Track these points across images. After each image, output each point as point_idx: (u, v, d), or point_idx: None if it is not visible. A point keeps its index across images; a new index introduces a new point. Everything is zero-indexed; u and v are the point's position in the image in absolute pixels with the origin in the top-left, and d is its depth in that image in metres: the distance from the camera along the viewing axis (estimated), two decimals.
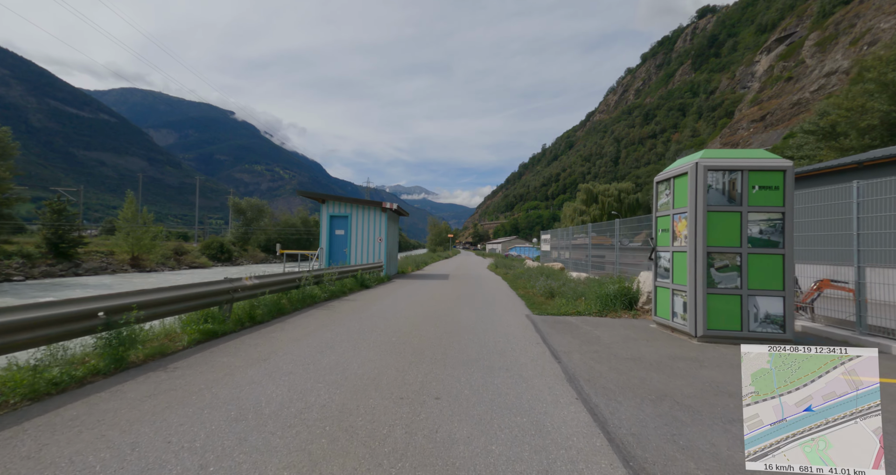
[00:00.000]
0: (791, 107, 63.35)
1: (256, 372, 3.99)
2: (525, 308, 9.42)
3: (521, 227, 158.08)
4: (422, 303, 9.91)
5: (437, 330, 6.44)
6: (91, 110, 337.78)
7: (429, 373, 4.06)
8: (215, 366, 4.17)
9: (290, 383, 3.69)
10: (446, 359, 4.55)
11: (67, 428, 2.77)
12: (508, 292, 12.54)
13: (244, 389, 3.52)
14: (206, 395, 3.37)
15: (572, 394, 3.53)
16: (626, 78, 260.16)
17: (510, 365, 4.39)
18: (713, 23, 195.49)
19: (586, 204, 56.28)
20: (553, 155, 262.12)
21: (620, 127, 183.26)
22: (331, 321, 7.15)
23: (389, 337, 5.81)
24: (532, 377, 3.99)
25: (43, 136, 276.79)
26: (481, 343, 5.46)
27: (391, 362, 4.41)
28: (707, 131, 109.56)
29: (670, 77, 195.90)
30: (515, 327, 6.73)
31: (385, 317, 7.72)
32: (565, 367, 4.26)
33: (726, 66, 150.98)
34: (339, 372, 4.02)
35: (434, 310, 8.69)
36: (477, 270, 23.06)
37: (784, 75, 78.08)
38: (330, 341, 5.42)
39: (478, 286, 14.11)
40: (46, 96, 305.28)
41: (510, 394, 3.51)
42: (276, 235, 46.86)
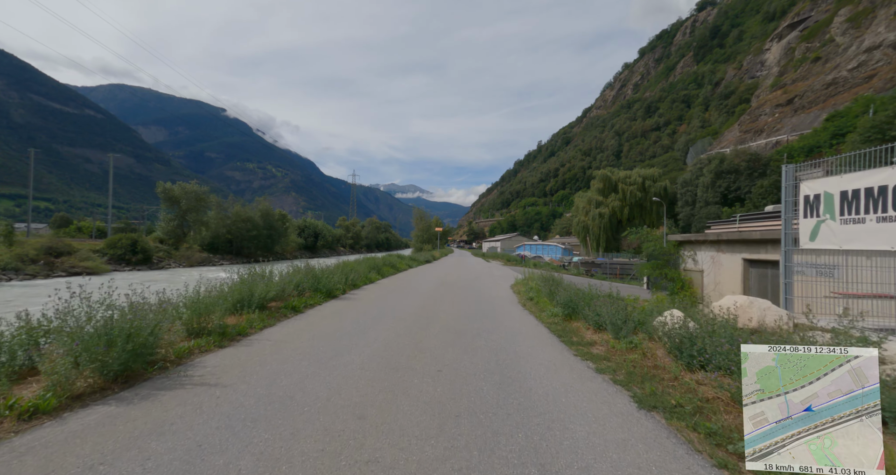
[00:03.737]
0: (825, 87, 56.41)
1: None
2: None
3: (518, 225, 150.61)
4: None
5: None
6: (76, 106, 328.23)
7: None
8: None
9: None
10: None
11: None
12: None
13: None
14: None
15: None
16: (624, 73, 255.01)
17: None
18: (714, 15, 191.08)
19: (603, 193, 48.39)
20: (549, 151, 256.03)
21: (621, 120, 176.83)
22: None
23: None
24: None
25: (25, 132, 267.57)
26: None
27: None
28: (720, 120, 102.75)
29: (671, 70, 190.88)
30: None
31: None
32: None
33: (731, 56, 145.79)
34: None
35: None
36: (485, 292, 14.06)
37: (810, 56, 71.41)
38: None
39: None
40: (29, 91, 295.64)
41: None
42: (224, 231, 39.09)
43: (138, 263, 27.27)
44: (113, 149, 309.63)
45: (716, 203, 39.54)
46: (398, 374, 4.81)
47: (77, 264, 22.00)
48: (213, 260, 36.70)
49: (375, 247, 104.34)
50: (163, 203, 36.89)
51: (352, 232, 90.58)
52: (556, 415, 3.74)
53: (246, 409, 3.70)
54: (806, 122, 55.05)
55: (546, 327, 8.18)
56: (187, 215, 36.84)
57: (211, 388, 4.15)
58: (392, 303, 10.87)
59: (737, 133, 72.48)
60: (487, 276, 20.76)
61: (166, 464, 2.78)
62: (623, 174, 48.97)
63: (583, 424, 3.52)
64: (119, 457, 2.84)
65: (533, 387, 4.51)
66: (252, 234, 41.89)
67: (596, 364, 5.43)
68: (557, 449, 3.04)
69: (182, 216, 36.65)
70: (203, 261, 35.19)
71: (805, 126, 53.94)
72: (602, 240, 46.58)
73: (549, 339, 7.09)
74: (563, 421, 3.59)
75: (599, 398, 4.16)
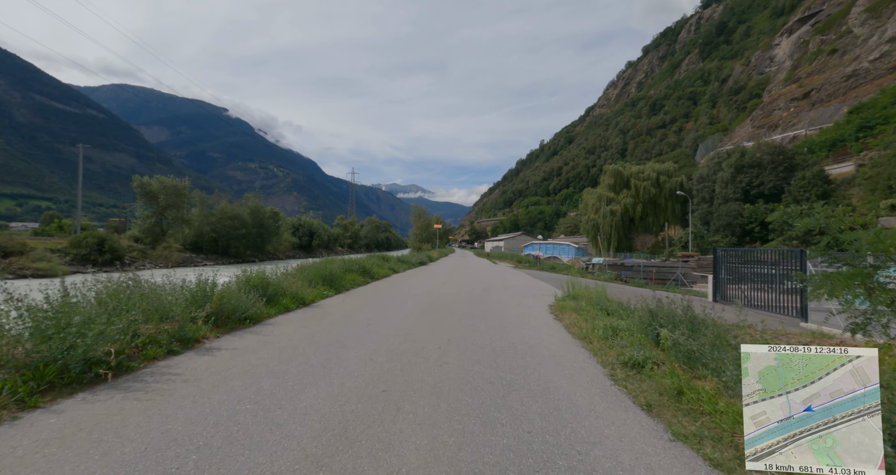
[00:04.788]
0: (845, 79, 53.76)
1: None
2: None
3: (521, 224, 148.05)
4: None
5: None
6: (78, 105, 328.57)
7: None
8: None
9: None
10: None
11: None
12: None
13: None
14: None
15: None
16: (628, 71, 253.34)
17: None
18: (720, 11, 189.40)
19: (614, 190, 45.17)
20: (552, 150, 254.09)
21: (626, 118, 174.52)
22: None
23: None
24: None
25: (27, 132, 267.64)
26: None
27: None
28: (729, 116, 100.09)
29: (676, 67, 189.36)
30: None
31: None
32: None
33: (739, 52, 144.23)
34: None
35: None
36: (511, 330, 7.28)
37: (825, 49, 68.72)
38: None
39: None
40: (31, 91, 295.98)
41: None
42: (209, 229, 36.66)
43: (105, 264, 24.60)
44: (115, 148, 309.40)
45: (737, 199, 36.78)
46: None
47: (28, 266, 19.55)
48: (195, 260, 34.11)
49: (375, 246, 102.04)
50: (139, 198, 34.04)
51: (350, 231, 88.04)
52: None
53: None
54: (825, 115, 52.47)
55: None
56: (166, 212, 33.98)
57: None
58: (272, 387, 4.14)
59: (749, 129, 69.84)
60: (501, 288, 14.75)
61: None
62: (636, 169, 45.90)
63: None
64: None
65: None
66: (240, 233, 39.19)
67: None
68: None
69: (160, 213, 33.82)
70: (184, 262, 32.45)
71: (825, 120, 51.36)
72: (613, 239, 43.73)
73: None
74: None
75: None
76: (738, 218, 35.44)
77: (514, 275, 21.25)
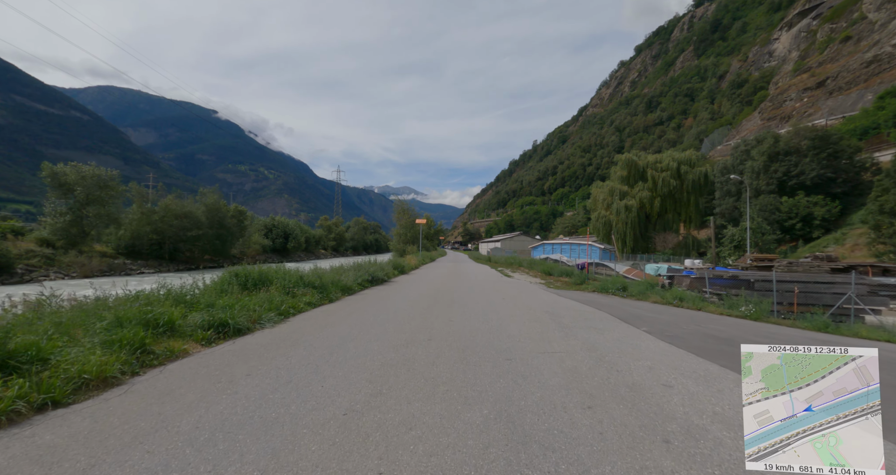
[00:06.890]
0: (865, 66, 49.75)
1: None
2: None
3: (516, 224, 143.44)
4: None
5: None
6: (62, 107, 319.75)
7: None
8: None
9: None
10: None
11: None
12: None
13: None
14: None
15: None
16: (620, 70, 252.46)
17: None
18: (713, 9, 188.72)
19: (627, 182, 39.95)
20: (545, 150, 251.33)
21: (621, 115, 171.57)
22: None
23: None
24: None
25: (7, 134, 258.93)
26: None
27: None
28: (733, 110, 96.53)
29: (670, 65, 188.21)
30: None
31: None
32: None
33: (735, 48, 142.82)
34: None
35: None
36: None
37: (837, 37, 65.00)
38: None
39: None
40: (12, 92, 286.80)
41: None
42: (150, 230, 30.91)
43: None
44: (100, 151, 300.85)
45: (771, 192, 31.67)
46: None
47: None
48: (127, 267, 28.37)
49: (363, 249, 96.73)
50: (50, 192, 27.50)
51: (334, 232, 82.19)
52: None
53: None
54: (846, 103, 48.40)
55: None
56: (87, 208, 27.61)
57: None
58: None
59: (758, 121, 65.86)
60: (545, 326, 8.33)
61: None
62: (652, 158, 40.54)
63: None
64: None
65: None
66: (192, 235, 33.47)
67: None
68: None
69: (79, 209, 27.35)
70: (109, 270, 26.60)
71: (847, 108, 47.28)
72: (629, 238, 38.29)
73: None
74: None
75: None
76: (776, 213, 30.45)
77: (601, 319, 9.51)
